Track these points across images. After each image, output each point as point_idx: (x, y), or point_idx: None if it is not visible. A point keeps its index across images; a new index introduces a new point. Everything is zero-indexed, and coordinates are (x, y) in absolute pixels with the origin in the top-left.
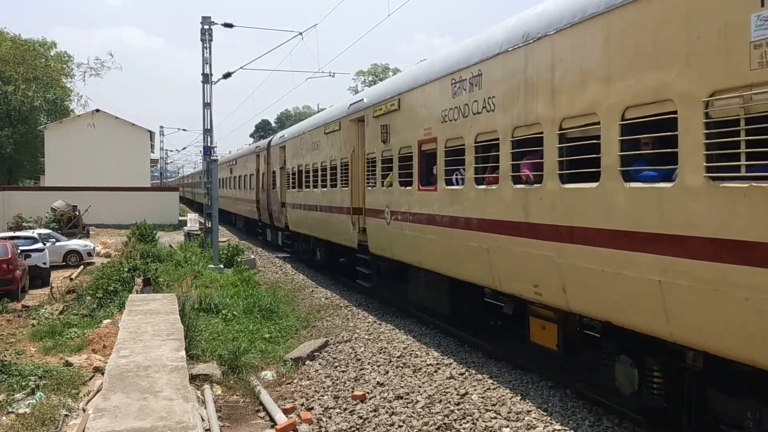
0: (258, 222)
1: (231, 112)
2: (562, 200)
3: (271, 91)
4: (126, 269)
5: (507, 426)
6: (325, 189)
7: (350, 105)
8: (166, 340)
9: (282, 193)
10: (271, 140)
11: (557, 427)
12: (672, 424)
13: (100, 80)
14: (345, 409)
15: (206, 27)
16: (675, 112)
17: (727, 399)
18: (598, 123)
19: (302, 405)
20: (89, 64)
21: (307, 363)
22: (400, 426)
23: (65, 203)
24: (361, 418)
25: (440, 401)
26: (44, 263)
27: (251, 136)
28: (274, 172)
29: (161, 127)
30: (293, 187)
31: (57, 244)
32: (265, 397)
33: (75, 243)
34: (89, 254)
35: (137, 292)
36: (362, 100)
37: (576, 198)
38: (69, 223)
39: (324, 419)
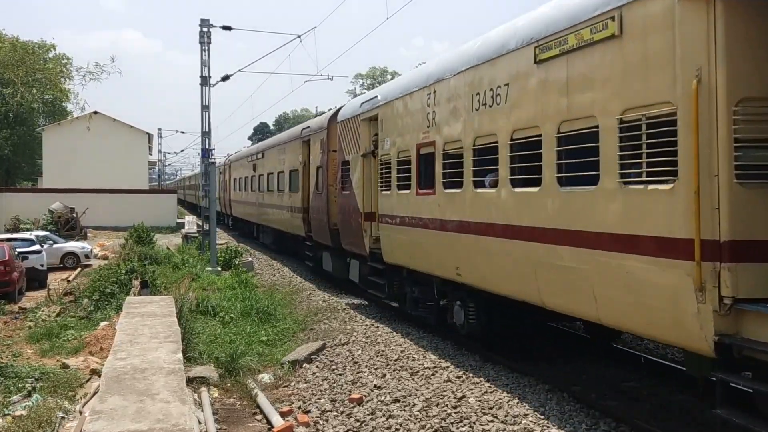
0: (306, 240)
1: (229, 114)
2: None
3: (270, 94)
4: (123, 271)
5: (504, 429)
6: (533, 189)
7: None
8: (163, 342)
9: (368, 197)
10: (337, 112)
11: (554, 431)
12: None
13: (99, 83)
14: (342, 412)
15: (205, 29)
16: None
17: None
18: None
19: (299, 408)
20: (89, 68)
21: (304, 366)
22: (397, 429)
23: (63, 205)
24: (358, 421)
25: (437, 404)
26: (41, 265)
27: (249, 138)
28: (344, 164)
29: (159, 129)
30: (402, 187)
31: (54, 246)
32: (262, 399)
33: (72, 245)
34: (87, 256)
35: (135, 295)
36: None
37: None
38: (66, 225)
39: (321, 422)
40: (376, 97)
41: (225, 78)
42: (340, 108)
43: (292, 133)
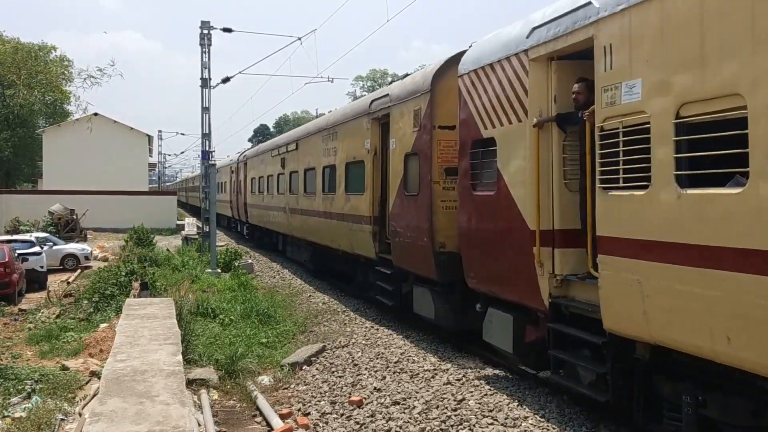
0: (378, 265)
1: (230, 116)
2: None
3: (270, 96)
4: (123, 273)
5: None
6: None
7: None
8: (163, 344)
9: (546, 201)
10: (455, 59)
11: None
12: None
13: (100, 86)
14: (342, 415)
15: (205, 31)
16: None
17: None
18: None
19: (299, 410)
20: (89, 72)
21: (304, 368)
22: (397, 431)
23: (63, 207)
24: (357, 423)
25: (437, 407)
26: (41, 267)
27: (249, 140)
28: (479, 145)
29: (159, 131)
30: (698, 181)
31: (54, 247)
32: (262, 402)
33: (72, 247)
34: (87, 258)
35: (134, 297)
36: None
37: None
38: (66, 227)
39: (321, 424)
40: (589, 3)
41: (225, 80)
42: (457, 54)
43: (353, 108)
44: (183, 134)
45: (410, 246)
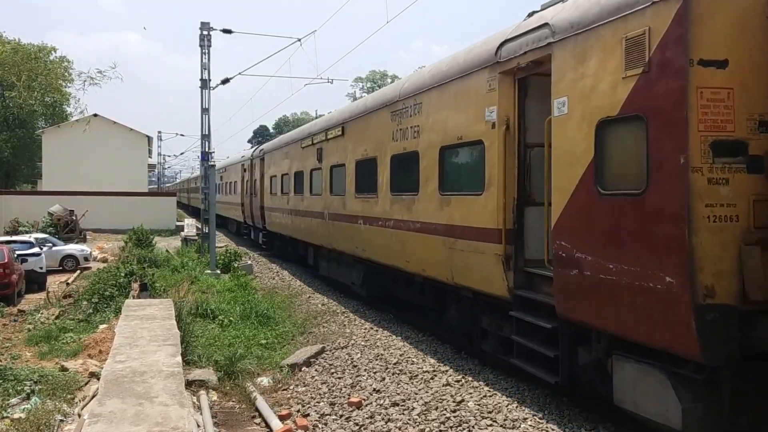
0: (521, 313)
1: (229, 117)
2: None
3: (270, 97)
4: (123, 274)
5: None
6: None
7: None
8: (162, 345)
9: None
10: None
11: None
12: None
13: (100, 88)
14: (341, 416)
15: (205, 33)
16: None
17: None
18: None
19: (298, 411)
20: (89, 74)
21: (303, 369)
22: None
23: (62, 208)
24: (357, 424)
25: (436, 408)
26: (41, 267)
27: (249, 141)
28: None
29: (159, 132)
30: None
31: (54, 248)
32: (261, 403)
33: (72, 247)
34: (86, 259)
35: (134, 297)
36: None
37: None
38: (66, 228)
39: (320, 426)
40: None
41: (225, 81)
42: None
43: (456, 62)
44: (182, 135)
45: (615, 287)
